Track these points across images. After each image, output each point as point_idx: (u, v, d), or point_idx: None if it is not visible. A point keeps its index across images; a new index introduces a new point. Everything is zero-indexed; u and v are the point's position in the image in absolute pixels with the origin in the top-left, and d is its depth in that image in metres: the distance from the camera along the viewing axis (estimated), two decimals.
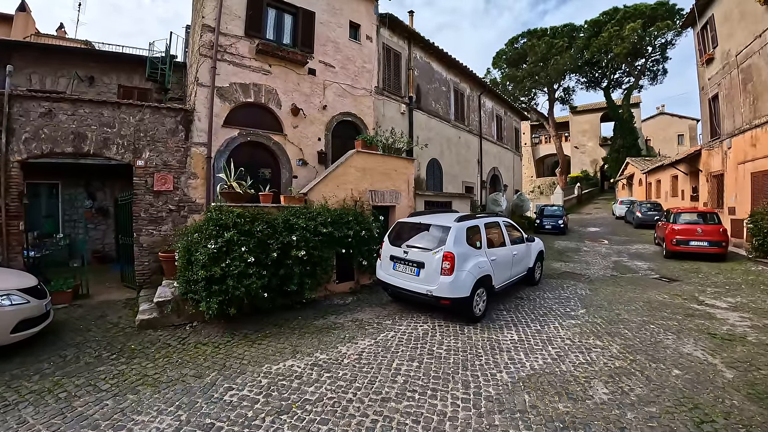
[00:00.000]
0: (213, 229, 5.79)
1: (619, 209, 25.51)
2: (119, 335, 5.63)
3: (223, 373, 4.42)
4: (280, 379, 4.28)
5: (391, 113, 11.56)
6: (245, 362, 4.73)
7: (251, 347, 5.18)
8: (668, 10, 32.57)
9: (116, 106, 7.85)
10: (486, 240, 6.47)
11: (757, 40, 12.03)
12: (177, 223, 8.02)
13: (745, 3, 12.46)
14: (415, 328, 5.77)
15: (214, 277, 5.52)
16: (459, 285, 5.67)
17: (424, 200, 10.52)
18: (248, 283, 5.63)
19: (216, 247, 5.58)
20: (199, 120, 8.30)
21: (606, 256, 12.70)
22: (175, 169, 8.21)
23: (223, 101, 8.55)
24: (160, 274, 7.62)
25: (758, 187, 12.32)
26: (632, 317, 6.37)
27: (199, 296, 5.65)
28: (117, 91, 11.85)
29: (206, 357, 4.89)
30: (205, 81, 8.37)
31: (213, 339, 5.50)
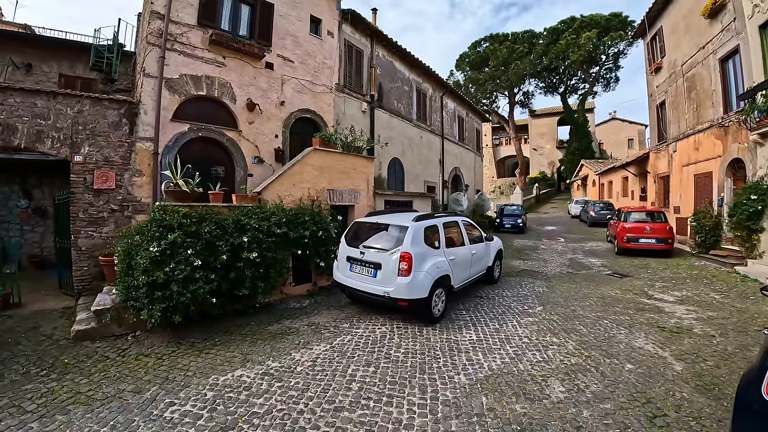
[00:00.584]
0: (156, 231, 5.36)
1: (575, 208, 26.53)
2: (52, 348, 5.12)
3: (165, 387, 4.07)
4: (227, 391, 3.98)
5: (352, 111, 11.34)
6: (190, 374, 4.38)
7: (198, 357, 4.83)
8: (621, 21, 34.45)
9: (52, 95, 7.18)
10: (444, 239, 6.39)
11: (701, 51, 12.75)
12: (120, 224, 7.43)
13: (691, 16, 13.19)
14: (373, 331, 5.60)
15: (156, 282, 5.11)
16: (417, 286, 5.55)
17: (384, 199, 10.39)
18: (195, 288, 5.24)
19: (159, 249, 5.17)
20: (145, 113, 7.75)
21: (562, 254, 13.07)
22: (117, 165, 7.62)
23: (172, 94, 8.04)
24: (101, 279, 7.04)
25: (700, 188, 13.08)
26: (587, 313, 6.53)
27: (141, 303, 5.21)
28: (58, 80, 10.93)
29: (147, 369, 4.50)
30: (152, 71, 7.83)
31: (156, 349, 5.10)
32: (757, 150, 9.97)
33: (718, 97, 11.98)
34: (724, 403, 3.68)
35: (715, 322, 6.13)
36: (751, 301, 7.34)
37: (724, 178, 11.66)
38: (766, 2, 9.34)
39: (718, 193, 11.90)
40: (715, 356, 4.79)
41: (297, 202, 7.44)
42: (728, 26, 11.17)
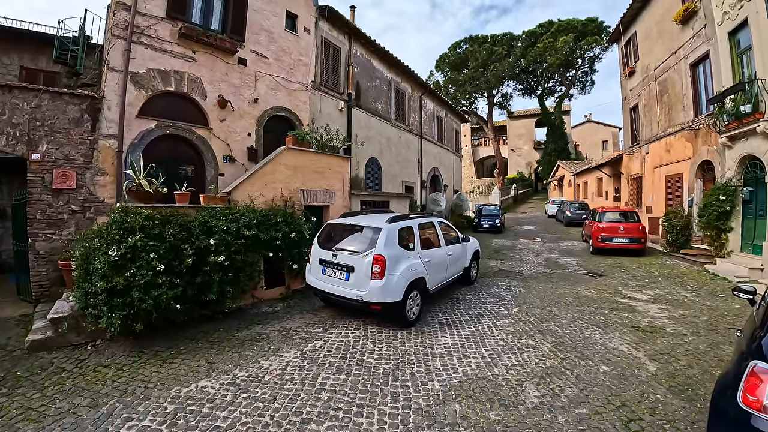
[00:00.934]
0: (116, 234, 5.05)
1: (551, 208, 26.97)
2: (4, 360, 4.75)
3: (124, 401, 3.80)
4: (189, 403, 3.74)
5: (328, 110, 11.12)
6: (151, 385, 4.11)
7: (161, 367, 4.55)
8: (597, 26, 35.44)
9: (7, 89, 6.74)
10: (420, 241, 6.26)
11: (672, 56, 13.06)
12: (81, 226, 7.02)
13: (663, 22, 13.50)
14: (346, 336, 5.41)
15: (116, 288, 4.80)
16: (390, 289, 5.39)
17: (360, 200, 10.19)
18: (157, 294, 4.95)
19: (118, 253, 4.86)
20: (108, 109, 7.38)
21: (539, 254, 13.17)
22: (79, 164, 7.22)
23: (138, 89, 7.68)
24: (60, 285, 6.64)
25: (671, 189, 13.41)
26: (562, 313, 6.53)
27: (99, 311, 4.89)
28: (19, 73, 10.35)
29: (106, 382, 4.21)
30: (117, 65, 7.46)
31: (117, 359, 4.79)
32: (726, 152, 10.24)
33: (688, 101, 12.27)
34: (698, 405, 3.68)
35: (687, 321, 6.24)
36: (720, 299, 7.53)
37: (694, 179, 11.95)
38: (735, 10, 9.58)
39: (689, 193, 12.20)
40: (687, 355, 4.84)
41: (269, 203, 7.18)
42: (699, 32, 11.46)
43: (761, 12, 8.65)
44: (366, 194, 10.88)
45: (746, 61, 9.70)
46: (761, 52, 8.80)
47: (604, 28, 34.70)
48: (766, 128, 8.62)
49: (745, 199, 9.71)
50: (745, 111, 9.00)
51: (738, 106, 9.20)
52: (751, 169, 9.59)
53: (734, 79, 9.89)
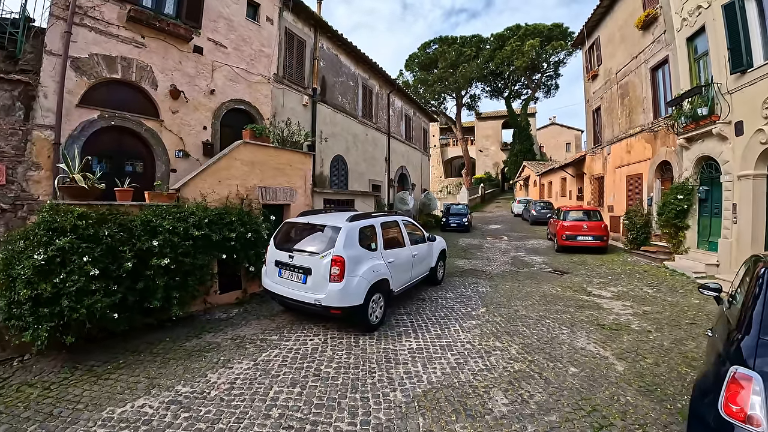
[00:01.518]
0: (43, 235, 4.48)
1: (517, 208, 27.47)
2: None
3: (47, 426, 3.31)
4: (122, 427, 3.29)
5: (291, 104, 10.65)
6: (81, 406, 3.62)
7: (95, 384, 4.04)
8: (562, 32, 36.47)
9: None
10: (382, 241, 5.96)
11: (634, 61, 13.41)
12: (12, 227, 6.29)
13: (626, 27, 13.84)
14: (304, 344, 5.03)
15: (42, 296, 4.25)
16: (351, 292, 5.06)
17: (323, 198, 9.78)
18: (91, 302, 4.40)
19: (45, 257, 4.30)
20: (45, 96, 6.66)
21: (505, 252, 13.25)
22: (9, 157, 6.46)
23: (79, 75, 6.98)
24: None
25: (632, 188, 13.77)
26: (529, 313, 6.45)
27: (24, 322, 4.31)
28: None
29: (29, 403, 3.68)
30: (55, 48, 6.76)
31: (46, 377, 4.23)
32: (683, 153, 10.54)
33: (648, 104, 12.61)
34: (668, 405, 3.61)
35: (650, 317, 6.33)
36: (680, 295, 7.75)
37: (653, 179, 12.28)
38: (693, 17, 9.86)
39: (648, 193, 12.54)
40: (653, 353, 4.85)
41: (223, 201, 6.67)
42: (659, 38, 11.77)
43: (718, 19, 8.90)
44: (329, 192, 10.47)
45: (703, 66, 10.01)
46: (717, 57, 9.06)
47: (569, 34, 35.71)
48: (722, 130, 8.88)
49: (701, 198, 10.02)
50: (702, 113, 9.27)
51: (695, 109, 9.46)
52: (707, 170, 9.90)
53: (692, 83, 10.19)
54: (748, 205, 8.30)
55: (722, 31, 8.76)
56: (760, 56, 8.06)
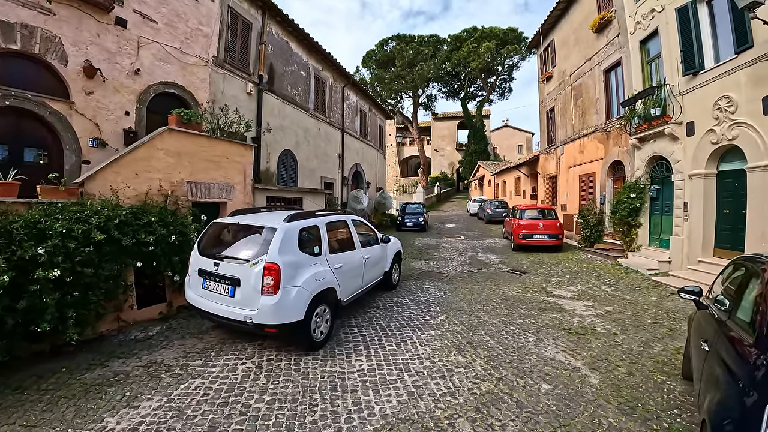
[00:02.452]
0: None
1: (473, 207, 27.65)
2: None
3: None
4: None
5: (234, 91, 9.59)
6: None
7: None
8: (516, 36, 37.29)
9: None
10: (328, 243, 5.20)
11: (588, 63, 13.53)
12: None
13: (580, 30, 13.96)
14: (233, 370, 4.16)
15: None
16: (288, 306, 4.27)
17: (266, 195, 8.82)
18: None
19: None
20: None
21: (463, 252, 12.96)
22: None
23: None
24: None
25: (585, 187, 13.92)
26: (492, 319, 6.01)
27: None
28: None
29: None
30: None
31: None
32: (635, 153, 10.63)
33: (601, 105, 12.74)
34: (654, 426, 3.24)
35: (613, 318, 6.18)
36: (638, 293, 7.73)
37: (605, 178, 12.40)
38: (647, 20, 9.96)
39: (601, 192, 12.66)
40: (624, 359, 4.57)
41: (141, 198, 5.60)
42: (613, 40, 11.89)
43: (671, 22, 8.98)
44: (273, 189, 9.49)
45: (655, 69, 10.15)
46: (670, 59, 9.16)
47: (523, 39, 36.57)
48: (674, 130, 8.94)
49: (652, 196, 10.14)
50: (655, 114, 9.32)
51: (648, 109, 9.52)
52: (659, 169, 10.01)
53: (644, 84, 10.30)
54: (699, 203, 8.38)
55: (675, 34, 8.86)
56: (711, 59, 8.16)
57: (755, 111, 7.01)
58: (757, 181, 6.99)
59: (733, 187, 7.85)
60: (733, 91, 7.45)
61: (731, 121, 7.48)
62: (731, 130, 7.49)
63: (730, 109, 7.51)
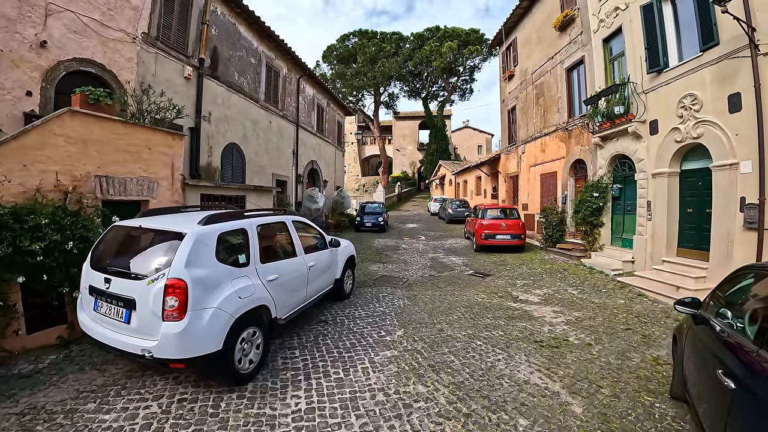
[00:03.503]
0: None
1: (434, 206, 27.38)
2: None
3: None
4: None
5: (168, 75, 8.38)
6: None
7: None
8: (478, 38, 37.42)
9: None
10: (259, 251, 4.26)
11: (550, 61, 13.34)
12: None
13: (543, 28, 13.78)
14: (133, 416, 3.19)
15: None
16: (199, 334, 3.30)
17: (200, 193, 7.72)
18: None
19: None
20: None
21: (423, 253, 12.44)
22: None
23: None
24: None
25: (546, 186, 13.75)
26: (456, 332, 5.40)
27: None
28: None
29: None
30: None
31: None
32: (598, 152, 10.45)
33: (563, 104, 12.57)
34: None
35: (585, 325, 5.80)
36: (605, 295, 7.49)
37: (567, 177, 12.24)
38: (610, 18, 9.79)
39: (562, 191, 12.49)
40: (605, 377, 4.10)
41: (31, 195, 4.46)
42: (575, 39, 11.72)
43: (635, 20, 8.82)
44: (209, 186, 8.35)
45: (618, 67, 10.01)
46: (633, 57, 9.00)
47: (485, 41, 36.76)
48: (637, 129, 8.77)
49: (614, 195, 9.99)
50: (618, 112, 9.14)
51: (612, 107, 9.34)
52: (621, 168, 9.86)
53: (607, 83, 10.14)
54: (663, 203, 8.22)
55: (639, 32, 8.71)
56: (675, 57, 8.02)
57: (721, 109, 6.85)
58: (722, 180, 6.83)
59: (697, 186, 7.73)
60: (698, 89, 7.28)
61: (696, 120, 7.31)
62: (696, 129, 7.32)
63: (695, 108, 7.34)
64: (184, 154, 8.49)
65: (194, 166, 8.63)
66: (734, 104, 6.63)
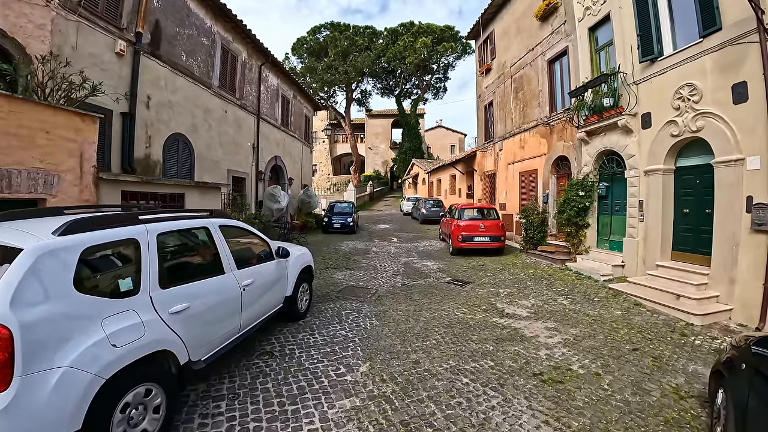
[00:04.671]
0: None
1: (406, 206, 26.54)
2: None
3: None
4: None
5: (93, 48, 6.94)
6: None
7: None
8: (453, 35, 36.71)
9: None
10: (159, 271, 3.00)
11: (530, 53, 12.67)
12: None
13: (523, 19, 13.10)
14: None
15: None
16: (37, 413, 2.02)
17: (122, 190, 6.16)
18: None
19: None
20: None
21: (395, 258, 11.51)
22: None
23: None
24: None
25: (526, 185, 13.05)
26: (436, 365, 4.37)
27: None
28: None
29: None
30: None
31: None
32: (583, 148, 9.78)
33: (544, 97, 11.90)
34: None
35: (586, 346, 5.00)
36: (599, 305, 6.79)
37: (549, 175, 11.56)
38: (597, 5, 9.14)
39: (543, 189, 11.82)
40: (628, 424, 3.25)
41: None
42: (558, 29, 11.08)
43: (625, 6, 8.19)
44: (133, 181, 6.53)
45: (605, 57, 9.37)
46: (623, 46, 8.34)
47: (459, 38, 36.23)
48: (628, 122, 8.10)
49: (601, 194, 9.34)
50: (607, 104, 8.49)
51: (600, 99, 8.68)
52: (609, 165, 9.20)
53: (593, 74, 9.47)
54: (656, 202, 7.57)
55: (630, 19, 8.07)
56: (669, 45, 7.39)
57: (723, 100, 6.20)
58: (726, 177, 6.17)
59: (694, 184, 7.09)
60: (697, 78, 6.63)
61: (695, 112, 6.66)
62: (696, 122, 6.66)
63: (694, 99, 6.68)
64: (114, 144, 7.18)
65: (127, 158, 7.28)
66: (740, 94, 5.98)
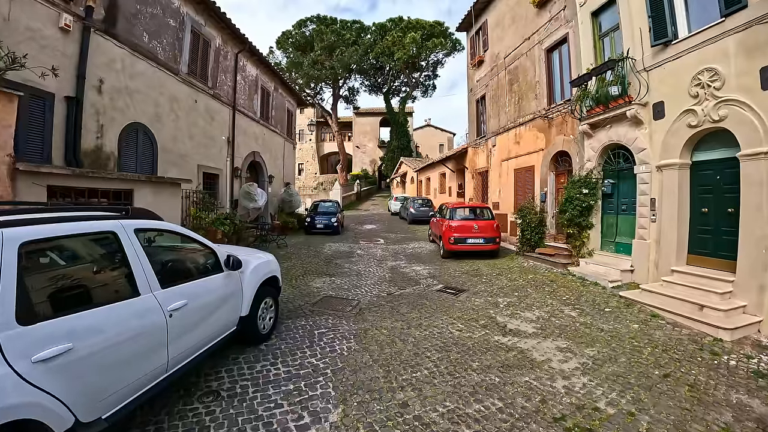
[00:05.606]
0: None
1: (394, 205, 25.79)
2: None
3: None
4: None
5: (33, 22, 5.84)
6: None
7: None
8: (442, 32, 35.80)
9: None
10: (17, 298, 2.00)
11: (526, 43, 11.94)
12: None
13: (518, 7, 12.37)
14: None
15: None
16: None
17: (48, 184, 4.99)
18: None
19: None
20: None
21: (382, 261, 10.66)
22: None
23: None
24: None
25: (521, 183, 12.28)
26: (429, 409, 3.42)
27: None
28: None
29: None
30: None
31: None
32: (585, 141, 9.04)
33: (542, 89, 11.15)
34: None
35: (608, 373, 4.18)
36: (612, 318, 6.01)
37: (547, 172, 10.81)
38: None
39: (541, 188, 11.06)
40: None
41: None
42: (557, 15, 10.37)
43: None
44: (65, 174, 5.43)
45: (609, 44, 8.63)
46: (631, 30, 7.61)
47: (449, 35, 35.48)
48: (638, 113, 7.36)
49: (605, 192, 8.60)
50: (615, 93, 7.71)
51: (606, 88, 7.91)
52: (615, 160, 8.45)
53: (596, 62, 8.72)
54: (672, 200, 6.84)
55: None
56: (684, 26, 6.67)
57: (750, 85, 5.49)
58: (755, 173, 5.45)
59: (714, 180, 6.38)
60: (718, 62, 5.91)
61: (717, 99, 5.94)
62: (718, 110, 5.94)
63: (715, 85, 5.97)
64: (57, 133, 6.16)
65: (72, 149, 6.26)
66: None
